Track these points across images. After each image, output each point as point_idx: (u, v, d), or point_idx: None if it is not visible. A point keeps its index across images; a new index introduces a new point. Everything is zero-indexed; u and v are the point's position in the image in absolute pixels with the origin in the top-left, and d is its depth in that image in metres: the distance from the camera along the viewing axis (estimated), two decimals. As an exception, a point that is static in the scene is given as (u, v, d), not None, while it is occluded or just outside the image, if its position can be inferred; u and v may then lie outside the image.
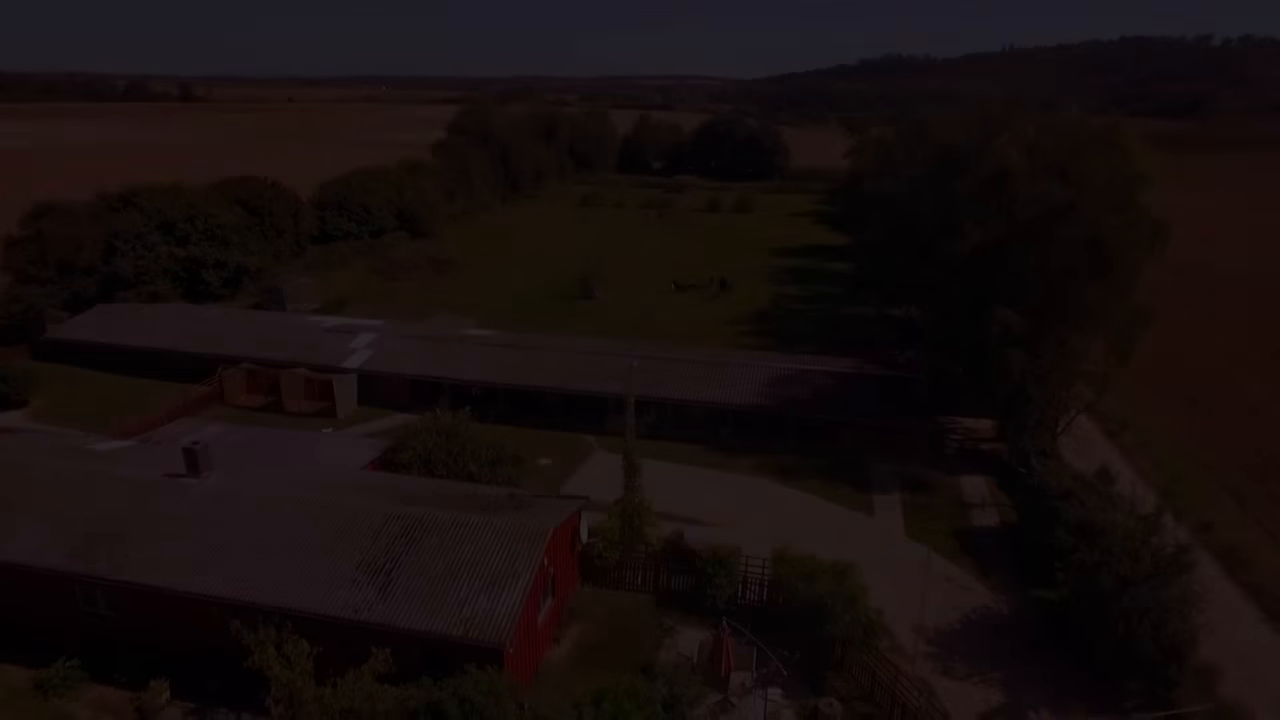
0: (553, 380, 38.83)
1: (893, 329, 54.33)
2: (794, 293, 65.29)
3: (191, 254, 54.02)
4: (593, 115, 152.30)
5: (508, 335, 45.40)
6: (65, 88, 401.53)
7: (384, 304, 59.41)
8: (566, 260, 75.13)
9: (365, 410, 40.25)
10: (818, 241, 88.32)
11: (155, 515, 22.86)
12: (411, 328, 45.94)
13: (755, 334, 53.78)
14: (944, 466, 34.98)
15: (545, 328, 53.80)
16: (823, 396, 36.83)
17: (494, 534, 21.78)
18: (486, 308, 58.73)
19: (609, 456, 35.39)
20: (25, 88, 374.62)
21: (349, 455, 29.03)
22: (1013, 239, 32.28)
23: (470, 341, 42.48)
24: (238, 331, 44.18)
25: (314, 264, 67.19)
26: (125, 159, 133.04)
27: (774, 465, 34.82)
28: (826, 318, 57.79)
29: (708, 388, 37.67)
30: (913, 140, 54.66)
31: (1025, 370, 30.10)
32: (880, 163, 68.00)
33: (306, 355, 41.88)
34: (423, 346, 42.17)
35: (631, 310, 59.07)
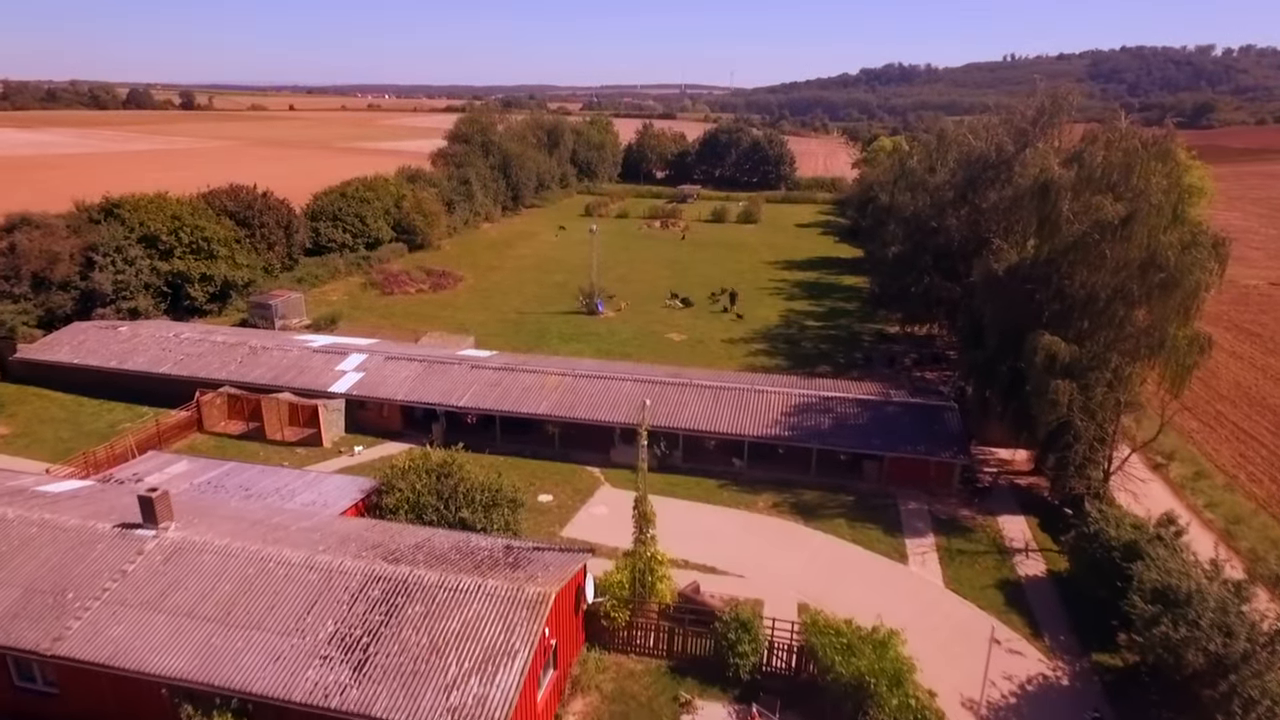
0: (554, 408, 36.10)
1: (914, 348, 51.61)
2: (806, 308, 62.62)
3: (176, 268, 51.41)
4: (596, 123, 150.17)
5: (506, 356, 42.73)
6: (67, 96, 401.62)
7: (378, 320, 56.82)
8: (569, 271, 72.61)
9: (354, 438, 37.52)
10: (827, 254, 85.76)
11: (102, 575, 20.10)
12: (404, 348, 43.28)
13: (767, 354, 51.07)
14: (979, 504, 32.18)
15: (546, 346, 51.26)
16: (846, 426, 34.07)
17: (488, 601, 19.00)
18: (485, 324, 56.14)
19: (615, 493, 32.71)
20: (26, 95, 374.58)
21: (330, 497, 26.28)
22: (1057, 258, 29.62)
23: (466, 364, 39.80)
24: (219, 352, 41.51)
25: (306, 277, 64.60)
26: (118, 167, 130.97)
27: (795, 503, 32.04)
28: (842, 336, 55.08)
29: (722, 417, 34.92)
30: (933, 150, 52.08)
31: (1073, 403, 27.37)
32: (897, 174, 65.40)
33: (292, 378, 39.21)
34: (416, 369, 39.48)
35: (637, 326, 56.42)
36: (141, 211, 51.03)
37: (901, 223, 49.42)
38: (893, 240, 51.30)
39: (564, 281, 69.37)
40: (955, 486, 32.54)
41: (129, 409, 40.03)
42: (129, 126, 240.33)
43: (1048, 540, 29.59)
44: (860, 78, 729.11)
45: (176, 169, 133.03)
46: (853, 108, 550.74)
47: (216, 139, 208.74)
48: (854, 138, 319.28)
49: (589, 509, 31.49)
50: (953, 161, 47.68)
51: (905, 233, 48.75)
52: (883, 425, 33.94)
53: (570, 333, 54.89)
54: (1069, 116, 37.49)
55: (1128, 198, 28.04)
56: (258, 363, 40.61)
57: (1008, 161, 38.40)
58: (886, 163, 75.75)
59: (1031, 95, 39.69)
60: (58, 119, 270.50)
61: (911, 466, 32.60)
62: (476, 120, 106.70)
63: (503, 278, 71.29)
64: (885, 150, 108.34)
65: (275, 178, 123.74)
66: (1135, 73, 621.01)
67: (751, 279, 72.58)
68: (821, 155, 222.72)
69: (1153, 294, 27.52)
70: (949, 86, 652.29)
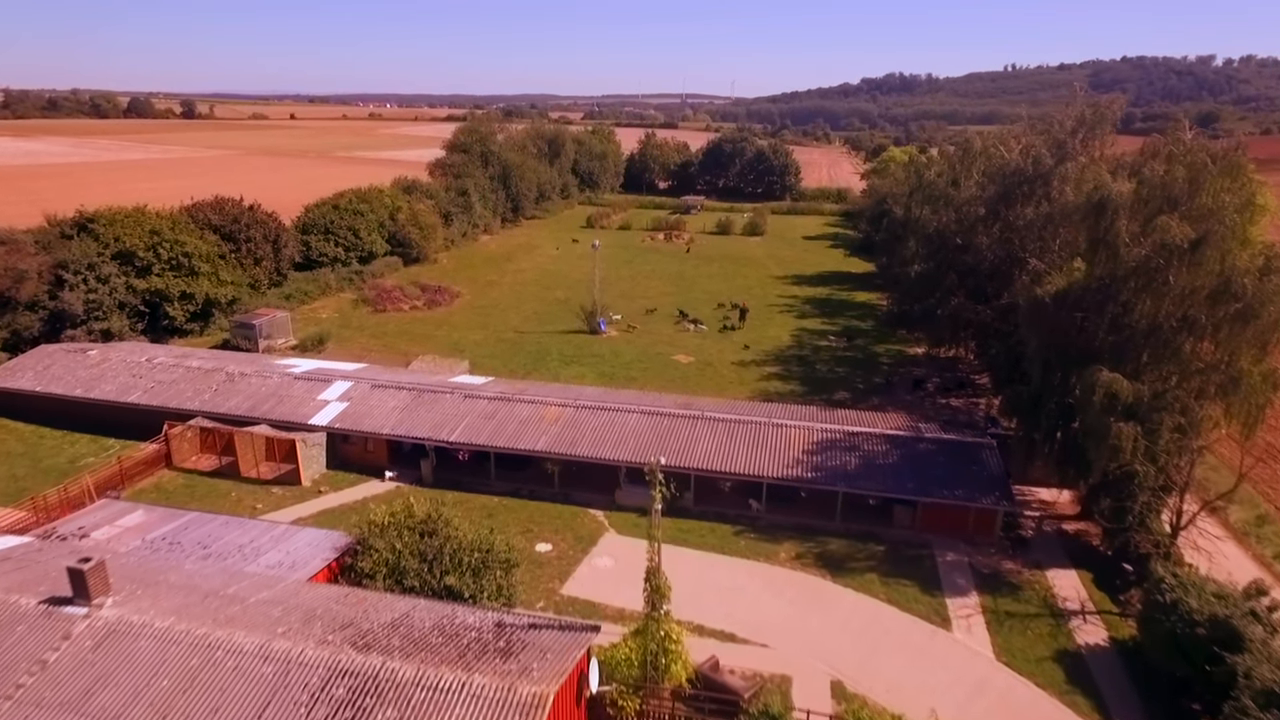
0: (554, 444, 33.04)
1: (936, 371, 48.60)
2: (819, 327, 59.63)
3: (153, 286, 48.51)
4: (597, 133, 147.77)
5: (502, 384, 39.73)
6: (67, 105, 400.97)
7: (369, 340, 53.87)
8: (570, 287, 69.73)
9: (335, 476, 34.47)
10: (838, 268, 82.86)
11: (18, 667, 17.03)
12: (393, 374, 40.29)
13: (780, 378, 48.04)
14: (1024, 554, 29.08)
15: (546, 369, 48.28)
16: (875, 467, 31.00)
17: (473, 704, 15.91)
18: (482, 344, 53.18)
19: (621, 541, 29.62)
20: (27, 103, 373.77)
21: (299, 556, 23.21)
22: (1114, 284, 26.65)
23: (459, 393, 36.79)
24: (193, 379, 38.52)
25: (295, 294, 61.70)
26: (110, 176, 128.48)
27: (820, 553, 28.94)
28: (859, 358, 52.05)
29: (737, 454, 31.86)
30: (956, 163, 49.24)
31: (1137, 448, 24.33)
32: (912, 186, 62.56)
33: (270, 408, 36.20)
34: (404, 399, 36.47)
35: (641, 347, 53.43)
36: (117, 226, 48.17)
37: (923, 239, 46.50)
38: (914, 258, 48.39)
39: (565, 298, 66.47)
40: (997, 535, 29.45)
41: (94, 441, 37.03)
42: (127, 136, 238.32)
43: (1105, 599, 26.47)
44: (861, 87, 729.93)
45: (169, 178, 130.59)
46: (854, 117, 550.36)
47: (214, 148, 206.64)
48: (856, 147, 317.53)
49: (592, 560, 28.40)
50: (979, 174, 44.85)
51: (928, 250, 45.84)
52: (915, 466, 30.86)
53: (571, 354, 51.90)
54: (1112, 127, 34.62)
55: (1193, 218, 25.12)
56: (234, 391, 37.62)
57: (1045, 175, 35.51)
58: (901, 175, 72.93)
59: (1070, 104, 36.88)
60: (56, 128, 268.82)
61: (948, 513, 29.53)
62: (476, 130, 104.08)
63: (501, 294, 68.40)
64: (896, 161, 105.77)
65: (270, 188, 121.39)
66: (1136, 83, 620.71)
67: (760, 295, 69.63)
68: (825, 165, 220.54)
69: (1224, 326, 24.58)
70: (950, 96, 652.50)
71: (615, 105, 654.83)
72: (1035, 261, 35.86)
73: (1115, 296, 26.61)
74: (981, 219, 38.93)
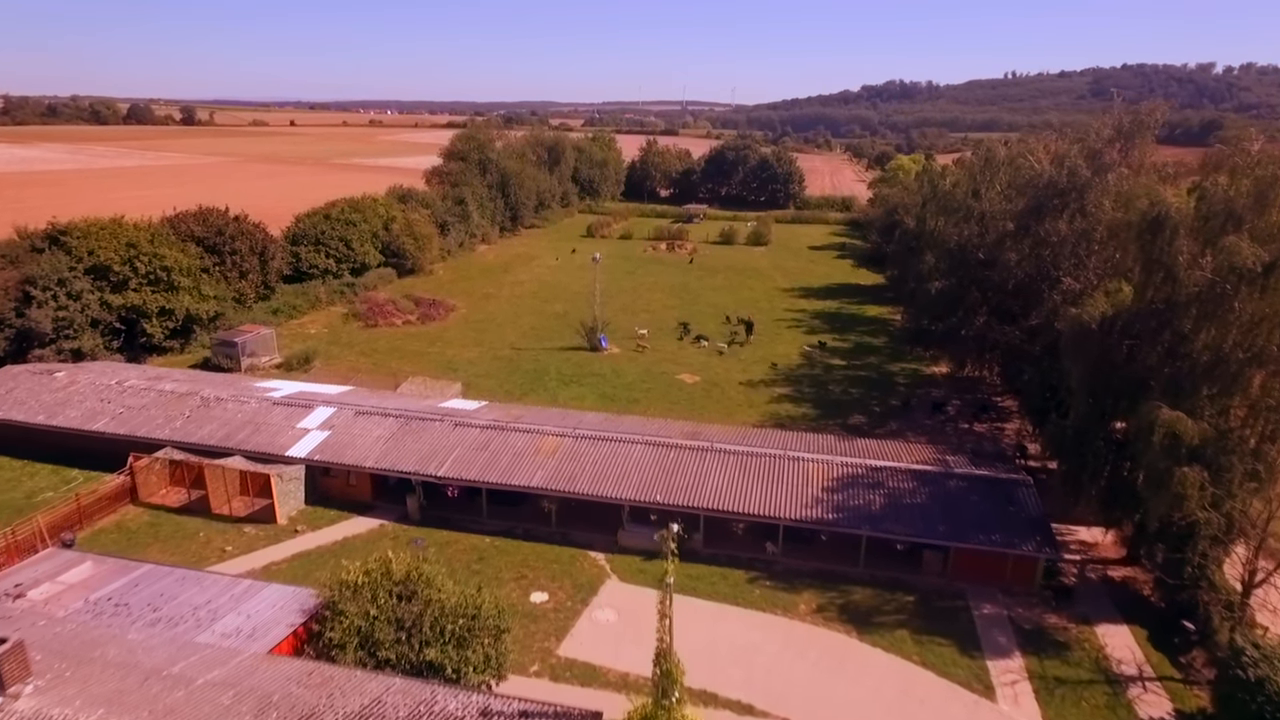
0: (551, 479, 30.39)
1: (955, 392, 46.00)
2: (829, 344, 57.02)
3: (130, 302, 45.95)
4: (598, 140, 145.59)
5: (497, 410, 37.10)
6: (67, 111, 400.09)
7: (357, 358, 51.28)
8: (569, 300, 67.22)
9: (314, 512, 31.81)
10: (846, 280, 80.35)
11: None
12: (380, 399, 37.67)
13: (792, 399, 45.42)
14: (1068, 606, 26.39)
15: (544, 390, 45.66)
16: (901, 507, 28.34)
17: (449, 830, 13.26)
18: (476, 362, 50.58)
19: (625, 590, 26.97)
20: (26, 110, 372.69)
21: (260, 620, 20.55)
22: (1171, 310, 24.08)
23: (449, 421, 34.16)
24: (165, 404, 35.91)
25: (283, 308, 59.16)
26: (104, 184, 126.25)
27: (844, 604, 26.27)
28: (874, 378, 49.41)
29: (751, 492, 29.21)
30: (977, 173, 46.71)
31: (1204, 496, 21.71)
32: (926, 196, 60.10)
33: (246, 438, 33.58)
34: (390, 428, 33.84)
35: (644, 366, 50.81)
36: (91, 239, 45.63)
37: (944, 253, 43.93)
38: (932, 273, 45.81)
39: (564, 312, 63.92)
40: (1038, 585, 26.78)
41: (56, 473, 34.40)
42: (125, 142, 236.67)
43: (1164, 662, 23.77)
44: (862, 94, 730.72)
45: (163, 186, 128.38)
46: (855, 124, 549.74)
47: (211, 155, 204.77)
48: (858, 154, 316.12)
49: (592, 613, 25.71)
50: (1002, 185, 42.33)
51: (948, 265, 43.27)
52: (946, 505, 28.21)
53: (571, 373, 49.29)
54: (1153, 136, 32.13)
55: (1261, 237, 22.57)
56: (208, 418, 34.99)
57: (1080, 188, 32.98)
58: (913, 185, 70.49)
59: (1107, 112, 34.41)
60: (54, 134, 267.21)
61: (984, 560, 26.87)
62: (474, 137, 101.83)
63: (498, 307, 65.84)
64: (905, 170, 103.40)
65: (265, 195, 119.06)
66: (1137, 90, 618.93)
67: (766, 308, 67.09)
68: (827, 172, 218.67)
69: (1300, 358, 21.96)
70: (950, 103, 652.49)
71: (616, 112, 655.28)
72: (1069, 280, 33.38)
73: (1172, 324, 24.05)
74: (1010, 234, 36.32)
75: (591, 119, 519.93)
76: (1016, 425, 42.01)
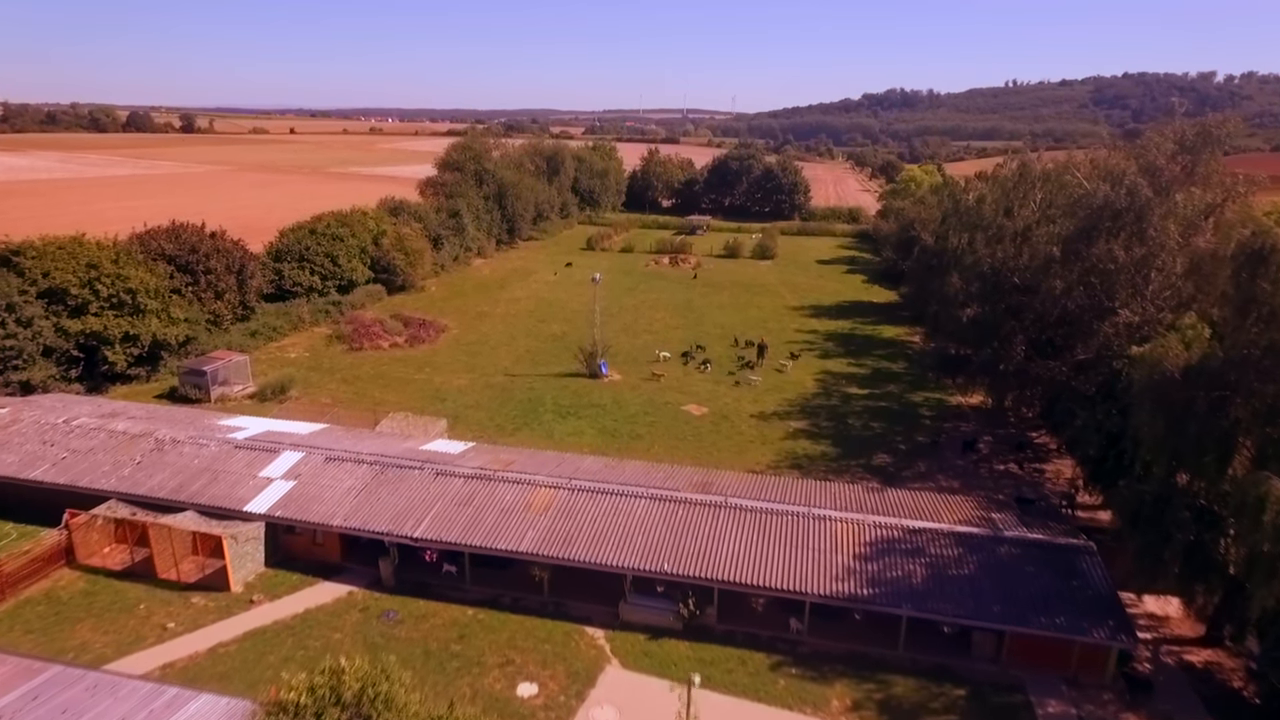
0: (543, 542, 26.64)
1: (986, 426, 42.30)
2: (845, 370, 53.35)
3: (90, 327, 42.34)
4: (599, 149, 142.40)
5: (484, 452, 33.37)
6: (66, 118, 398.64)
7: (339, 386, 47.58)
8: (568, 320, 63.65)
9: (274, 577, 28.06)
10: (858, 297, 76.72)
11: None
12: (355, 439, 33.95)
13: (809, 435, 41.69)
14: (1147, 702, 22.58)
15: (539, 424, 41.95)
16: (946, 579, 24.58)
17: None
18: (467, 390, 46.87)
19: (628, 679, 23.17)
20: (26, 117, 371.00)
21: (184, 746, 16.78)
22: (1271, 357, 20.41)
23: (430, 468, 30.45)
24: (114, 447, 32.21)
25: (262, 330, 55.51)
26: (90, 194, 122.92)
27: (883, 701, 22.47)
28: (896, 410, 45.67)
29: (772, 559, 25.45)
30: (1010, 188, 43.11)
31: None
32: (946, 211, 56.55)
33: (201, 488, 29.85)
34: (363, 476, 30.13)
35: (648, 395, 47.10)
36: (47, 260, 42.07)
37: (974, 277, 40.25)
38: (958, 295, 42.16)
39: (562, 333, 60.33)
40: (1109, 676, 23.00)
41: (-10, 526, 30.69)
42: (120, 150, 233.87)
43: (1270, 780, 20.00)
44: (863, 102, 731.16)
45: (151, 196, 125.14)
46: (856, 132, 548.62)
47: (206, 163, 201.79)
48: (860, 163, 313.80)
49: (589, 712, 21.90)
50: (1039, 203, 38.73)
51: (980, 289, 39.60)
52: (998, 578, 24.45)
53: (568, 404, 45.58)
54: (1222, 151, 28.57)
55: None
56: (162, 464, 31.27)
57: (1140, 210, 29.36)
58: (930, 199, 66.97)
59: (1168, 124, 30.87)
60: (48, 142, 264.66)
61: (1045, 646, 23.11)
62: (469, 147, 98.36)
63: (492, 328, 62.20)
64: (916, 181, 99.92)
65: (254, 205, 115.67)
66: (1139, 99, 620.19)
67: (776, 329, 63.47)
68: (830, 181, 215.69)
69: None
70: (952, 112, 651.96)
71: (616, 120, 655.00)
72: (1126, 313, 29.74)
73: (1275, 376, 20.35)
74: (1060, 260, 32.58)
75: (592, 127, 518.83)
76: (1055, 465, 38.35)
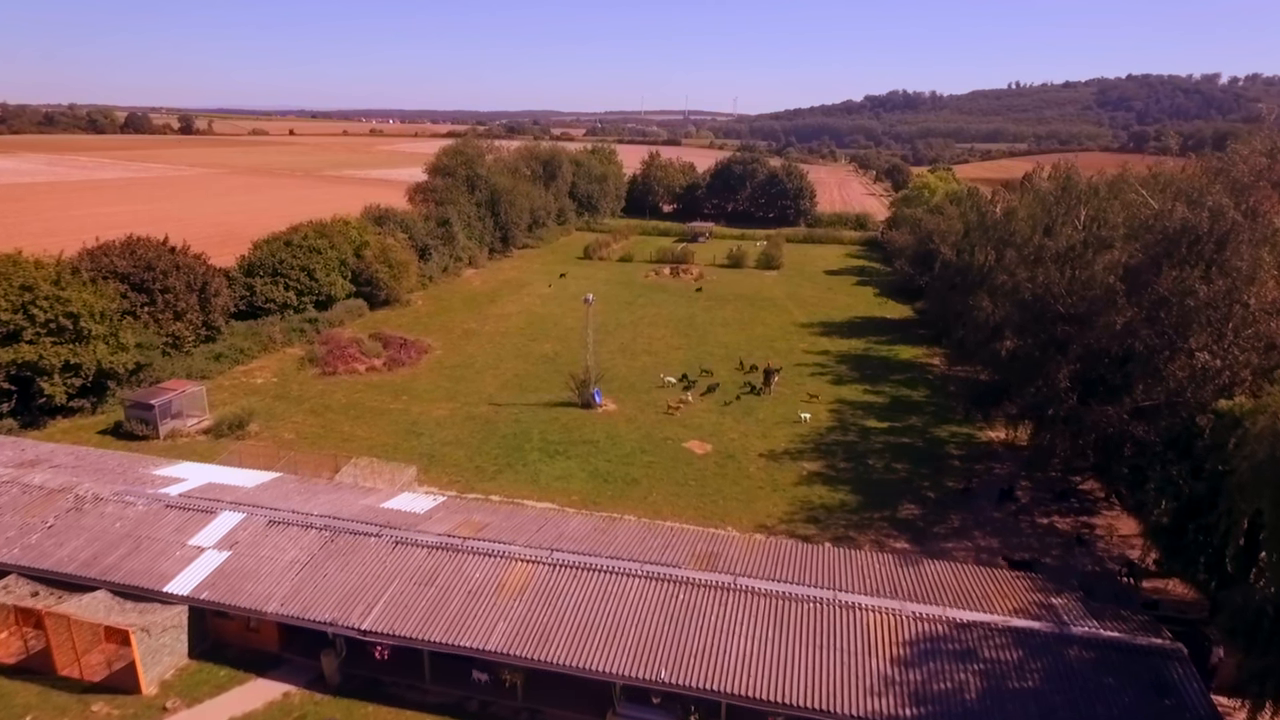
0: (515, 637, 22.18)
1: (1021, 467, 37.83)
2: (861, 398, 48.87)
3: (23, 357, 38.00)
4: (598, 153, 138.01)
5: (455, 511, 28.90)
6: (64, 120, 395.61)
7: (305, 419, 43.18)
8: (561, 338, 59.30)
9: (199, 672, 23.63)
10: (870, 312, 72.21)
11: None
12: (308, 495, 29.45)
13: (825, 479, 37.24)
14: None
15: (523, 466, 37.53)
16: (1006, 696, 20.09)
17: None
18: (446, 423, 42.44)
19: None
20: (24, 119, 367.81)
21: None
22: None
23: (388, 535, 26.04)
24: (24, 507, 27.82)
25: (228, 353, 51.13)
26: (68, 199, 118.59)
27: None
28: (920, 448, 41.18)
29: (792, 665, 20.96)
30: (1051, 203, 38.58)
31: None
32: (969, 225, 52.10)
33: (118, 562, 25.43)
34: (310, 546, 25.72)
35: (646, 428, 42.66)
36: (-23, 281, 37.77)
37: (1013, 304, 35.73)
38: (990, 321, 37.71)
39: (554, 354, 55.95)
40: (1215, 823, 18.51)
41: (-128, 603, 26.24)
42: (113, 152, 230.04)
43: None
44: (865, 104, 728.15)
45: (131, 201, 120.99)
46: (859, 134, 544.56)
47: (198, 166, 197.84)
48: (864, 166, 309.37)
49: None
50: (1086, 221, 34.27)
51: (1020, 318, 35.09)
52: (1069, 693, 19.95)
53: (557, 440, 41.13)
54: None
55: None
56: (78, 528, 26.88)
57: (1221, 236, 24.91)
58: (951, 210, 62.47)
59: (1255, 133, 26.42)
60: (40, 144, 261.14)
61: (1135, 783, 18.62)
62: (461, 151, 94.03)
63: (479, 348, 57.78)
64: (930, 188, 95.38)
65: (240, 210, 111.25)
66: (1144, 100, 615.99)
67: (784, 349, 59.07)
68: (834, 185, 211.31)
69: None
70: (954, 114, 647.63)
71: (618, 121, 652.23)
72: (1204, 355, 25.28)
73: None
74: (1126, 293, 28.00)
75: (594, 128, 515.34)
76: (1106, 518, 33.89)
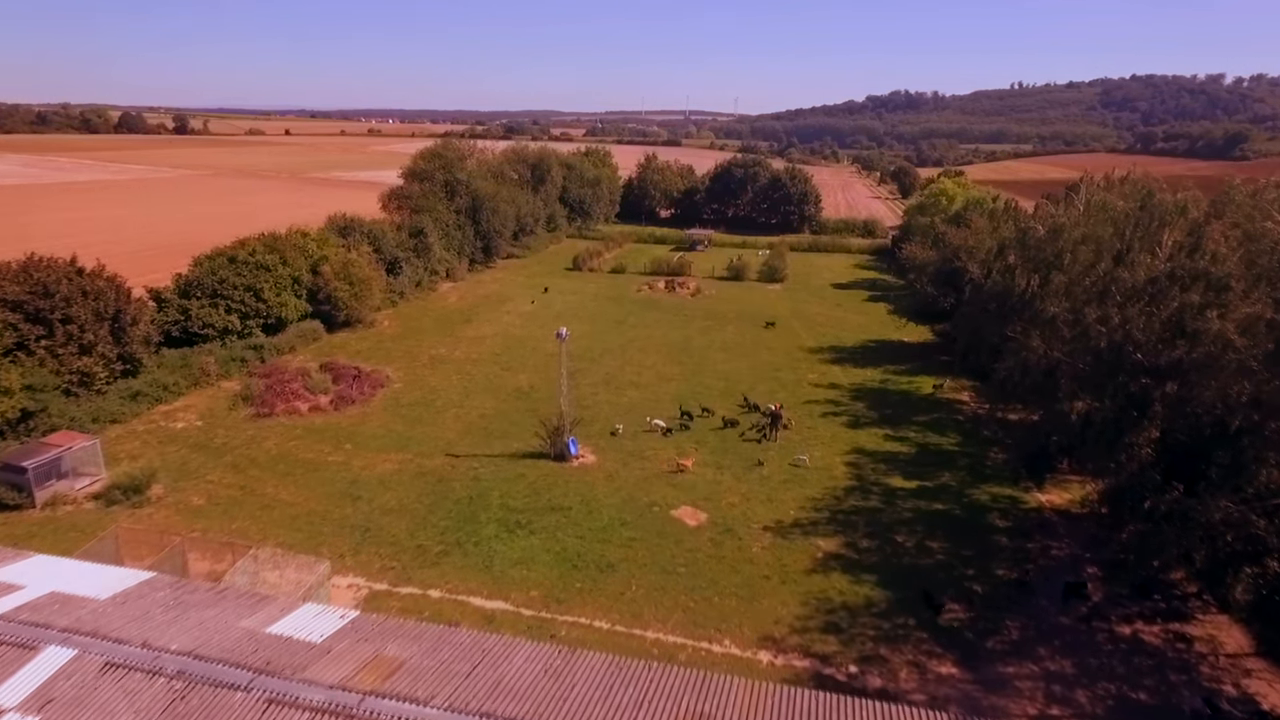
0: None
1: (1086, 549, 30.84)
2: (882, 447, 41.87)
3: None
4: (591, 156, 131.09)
5: (364, 635, 21.76)
6: (57, 119, 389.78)
7: (223, 476, 36.25)
8: (539, 366, 52.38)
9: None
10: (884, 334, 65.22)
11: None
12: (173, 616, 22.33)
13: (844, 565, 30.25)
14: None
15: (476, 546, 30.38)
16: None
17: None
18: (390, 481, 35.44)
19: None
20: (16, 118, 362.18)
21: None
22: None
23: (260, 690, 19.03)
24: None
25: (148, 390, 44.23)
26: (35, 202, 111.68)
27: None
28: (958, 517, 34.16)
29: None
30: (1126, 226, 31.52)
31: None
32: (1005, 242, 45.13)
33: (-112, 725, 18.49)
34: (154, 707, 18.72)
35: (628, 489, 35.71)
36: None
37: (1086, 350, 28.72)
38: (1043, 363, 30.78)
39: (529, 387, 49.07)
40: None
41: None
42: (96, 153, 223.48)
43: None
44: (867, 104, 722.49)
45: (93, 207, 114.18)
46: (861, 135, 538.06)
47: (182, 167, 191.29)
48: (867, 167, 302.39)
49: None
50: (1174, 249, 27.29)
51: (1093, 369, 28.10)
52: None
53: (520, 507, 34.16)
54: None
55: None
56: None
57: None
58: (982, 224, 55.39)
59: None
60: (26, 144, 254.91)
61: None
62: (440, 154, 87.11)
63: (445, 379, 50.85)
64: (948, 195, 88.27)
65: (211, 218, 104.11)
66: (1148, 101, 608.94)
67: (791, 381, 52.15)
68: (837, 187, 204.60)
69: None
70: (957, 114, 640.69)
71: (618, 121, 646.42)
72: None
73: None
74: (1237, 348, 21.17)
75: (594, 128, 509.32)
76: (1204, 627, 26.87)
